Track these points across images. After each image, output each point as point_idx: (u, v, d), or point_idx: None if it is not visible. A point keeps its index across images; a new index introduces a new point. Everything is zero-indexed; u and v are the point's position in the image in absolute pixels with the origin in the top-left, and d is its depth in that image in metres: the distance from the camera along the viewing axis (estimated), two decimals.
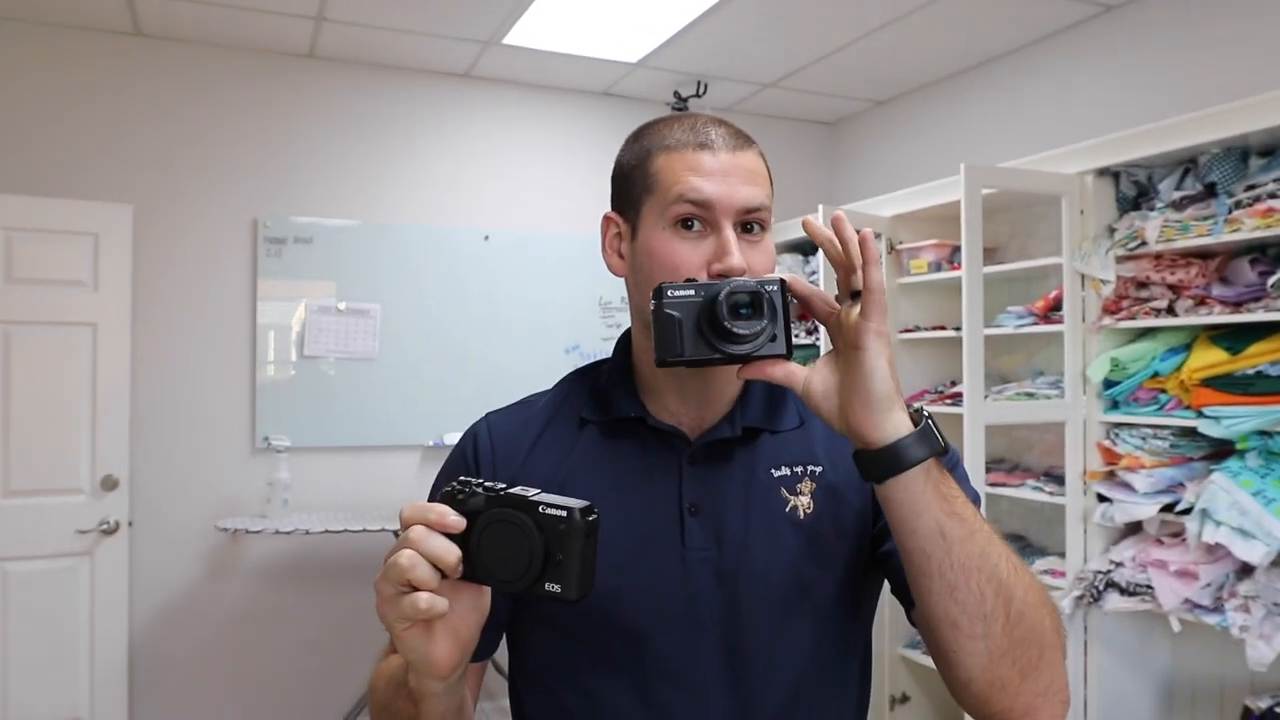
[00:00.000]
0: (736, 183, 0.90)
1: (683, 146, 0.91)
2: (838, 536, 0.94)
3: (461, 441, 1.04)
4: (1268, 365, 2.31)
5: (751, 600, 0.91)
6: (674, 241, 0.90)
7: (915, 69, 3.81)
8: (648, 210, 0.93)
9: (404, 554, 0.70)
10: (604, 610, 0.89)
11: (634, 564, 0.90)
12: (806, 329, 4.06)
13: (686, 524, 0.92)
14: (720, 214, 0.89)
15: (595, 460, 0.96)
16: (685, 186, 0.89)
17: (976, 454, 2.69)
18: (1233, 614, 2.28)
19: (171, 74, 3.51)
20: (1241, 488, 2.26)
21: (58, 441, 3.21)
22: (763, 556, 0.91)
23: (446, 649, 0.74)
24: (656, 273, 0.90)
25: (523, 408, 1.05)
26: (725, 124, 0.95)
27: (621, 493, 0.93)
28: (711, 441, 0.94)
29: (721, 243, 0.89)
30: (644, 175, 0.93)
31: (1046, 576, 2.88)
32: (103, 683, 3.24)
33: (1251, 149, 2.46)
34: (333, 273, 3.70)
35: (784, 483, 0.94)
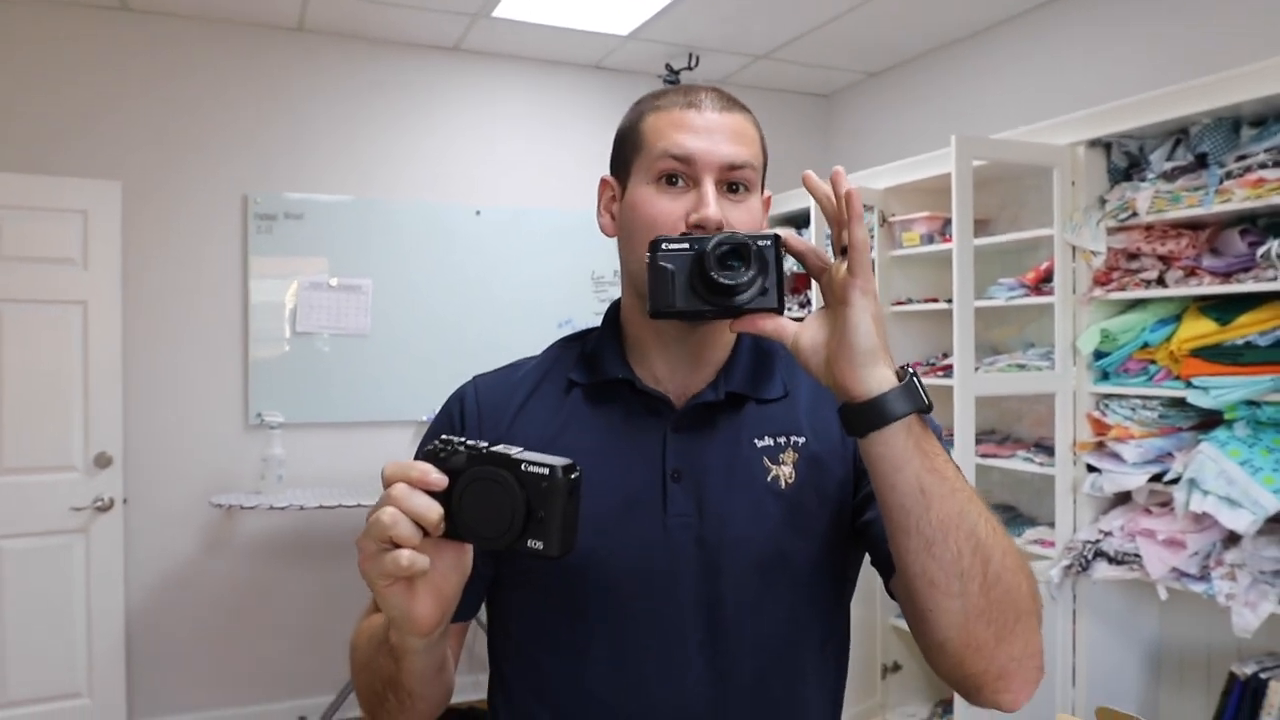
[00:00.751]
0: (720, 139, 0.91)
1: (670, 106, 0.94)
2: (819, 506, 0.95)
3: (448, 403, 1.04)
4: (1256, 335, 2.33)
5: (731, 568, 0.92)
6: (656, 196, 0.92)
7: (908, 40, 3.79)
8: (636, 168, 0.95)
9: (386, 511, 0.70)
10: (584, 572, 0.90)
11: (616, 528, 0.91)
12: (799, 302, 4.07)
13: (669, 490, 0.93)
14: (702, 169, 0.91)
15: (581, 423, 0.97)
16: (669, 142, 0.91)
17: (967, 425, 2.70)
18: (1219, 582, 2.30)
19: (159, 49, 3.48)
20: (1229, 457, 2.28)
21: (51, 419, 3.21)
22: (743, 525, 0.92)
23: (428, 606, 0.74)
24: (638, 227, 0.92)
25: (510, 371, 1.05)
26: (719, 90, 0.96)
27: (606, 456, 0.93)
28: (695, 406, 0.95)
29: (700, 196, 0.90)
30: (634, 135, 0.96)
31: (1035, 546, 2.91)
32: (100, 659, 3.27)
33: (1243, 119, 2.45)
34: (324, 249, 3.69)
35: (766, 453, 0.95)
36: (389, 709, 0.88)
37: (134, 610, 3.42)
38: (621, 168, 0.98)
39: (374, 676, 0.87)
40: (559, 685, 0.94)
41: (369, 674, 0.88)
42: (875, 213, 3.57)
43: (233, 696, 3.57)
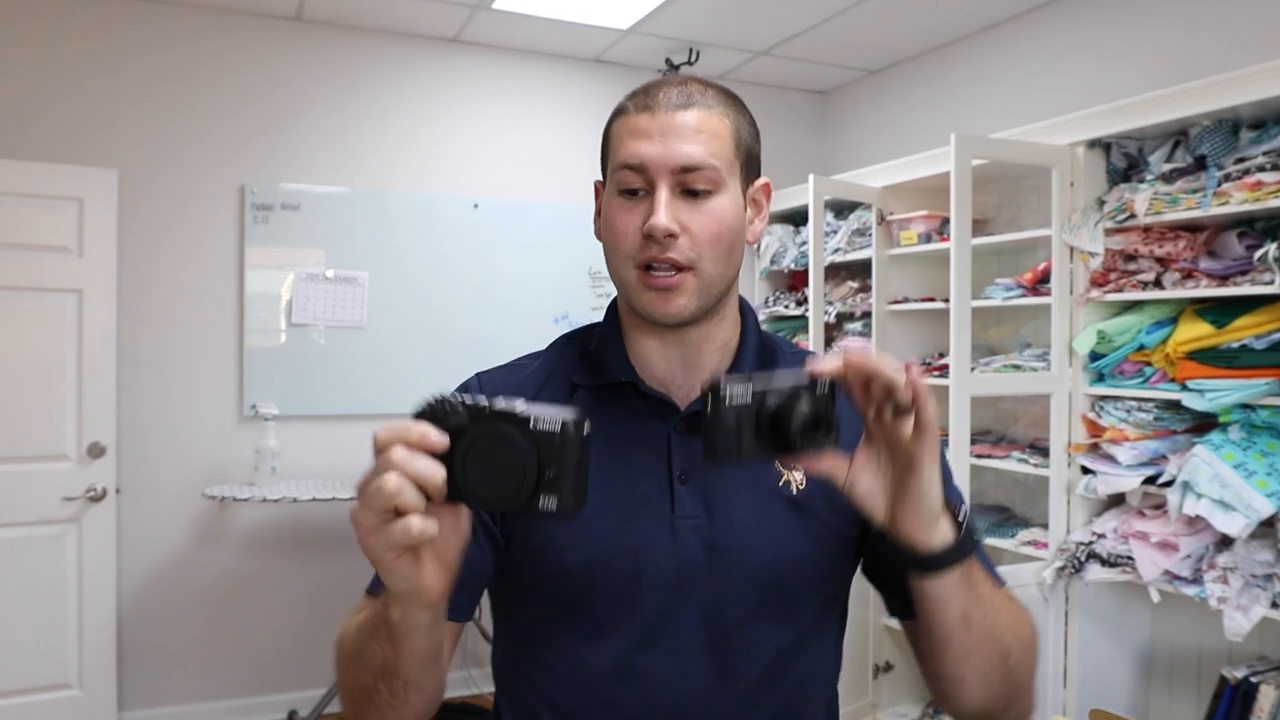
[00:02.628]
0: (673, 141, 0.88)
1: (627, 111, 0.92)
2: (829, 514, 0.95)
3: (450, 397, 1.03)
4: (1253, 339, 2.32)
5: (739, 571, 0.92)
6: (618, 207, 0.91)
7: (907, 38, 3.78)
8: (607, 176, 0.94)
9: (389, 478, 0.66)
10: (592, 574, 0.90)
11: (624, 529, 0.91)
12: (797, 300, 4.06)
13: (676, 492, 0.92)
14: (655, 175, 0.89)
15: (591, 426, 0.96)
16: (625, 152, 0.90)
17: (962, 425, 2.70)
18: (1211, 585, 2.30)
19: (156, 37, 3.46)
20: (1223, 460, 2.28)
21: (44, 408, 3.20)
22: (752, 528, 0.92)
23: (435, 574, 0.71)
24: (607, 238, 0.93)
25: (512, 371, 1.03)
26: (688, 82, 0.93)
27: (613, 458, 0.92)
28: (699, 411, 0.93)
29: (653, 203, 0.89)
30: (605, 142, 0.95)
31: (1029, 548, 2.91)
32: (91, 649, 3.26)
33: (1242, 121, 2.45)
34: (321, 240, 3.68)
35: None
36: (379, 704, 0.83)
37: (126, 601, 3.41)
38: (603, 173, 0.97)
39: (364, 669, 0.83)
40: (567, 687, 0.93)
41: (358, 667, 0.84)
42: (873, 211, 3.56)
43: (224, 688, 3.56)
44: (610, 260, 0.93)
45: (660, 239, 0.88)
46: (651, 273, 0.89)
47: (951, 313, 2.71)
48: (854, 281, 3.88)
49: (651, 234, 0.88)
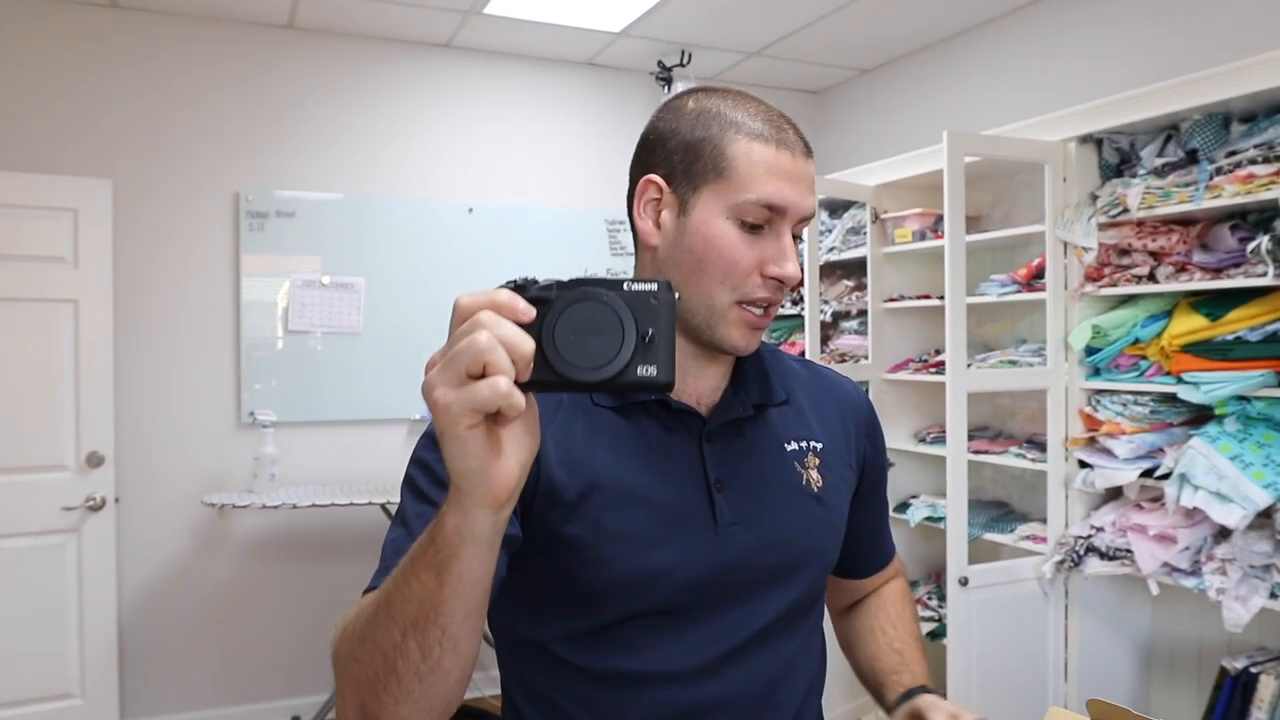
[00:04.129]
0: (805, 191, 0.92)
1: (764, 140, 0.91)
2: (842, 506, 1.03)
3: None
4: (1247, 331, 2.33)
5: (783, 571, 0.96)
6: (735, 237, 0.90)
7: (900, 37, 3.79)
8: (711, 193, 0.91)
9: (481, 334, 0.59)
10: (639, 587, 0.90)
11: (671, 540, 0.91)
12: (792, 299, 4.07)
13: (716, 500, 0.93)
14: (787, 219, 0.91)
15: (620, 441, 0.94)
16: (769, 190, 0.89)
17: (959, 422, 2.71)
18: (1210, 577, 2.31)
19: (149, 45, 3.46)
20: (1220, 452, 2.29)
21: (42, 418, 3.20)
22: (790, 528, 0.96)
23: (510, 463, 0.64)
24: (712, 263, 0.90)
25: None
26: (786, 119, 0.95)
27: (650, 473, 0.93)
28: (732, 421, 0.97)
29: (781, 248, 0.91)
30: (716, 155, 0.91)
31: (1027, 542, 2.92)
32: (93, 658, 3.26)
33: (1233, 115, 2.46)
34: (316, 246, 3.68)
35: (795, 457, 1.00)
36: (403, 673, 0.70)
37: (126, 610, 3.41)
38: (686, 179, 0.92)
39: (388, 629, 0.70)
40: (610, 690, 0.92)
41: (377, 635, 0.71)
42: (867, 209, 3.57)
43: (226, 696, 3.56)
44: (702, 284, 0.91)
45: (790, 288, 0.91)
46: (750, 310, 0.91)
47: (947, 310, 2.71)
48: (849, 280, 3.89)
49: (784, 281, 0.91)
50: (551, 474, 0.89)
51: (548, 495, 0.89)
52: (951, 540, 2.70)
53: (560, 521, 0.89)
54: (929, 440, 3.50)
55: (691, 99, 0.95)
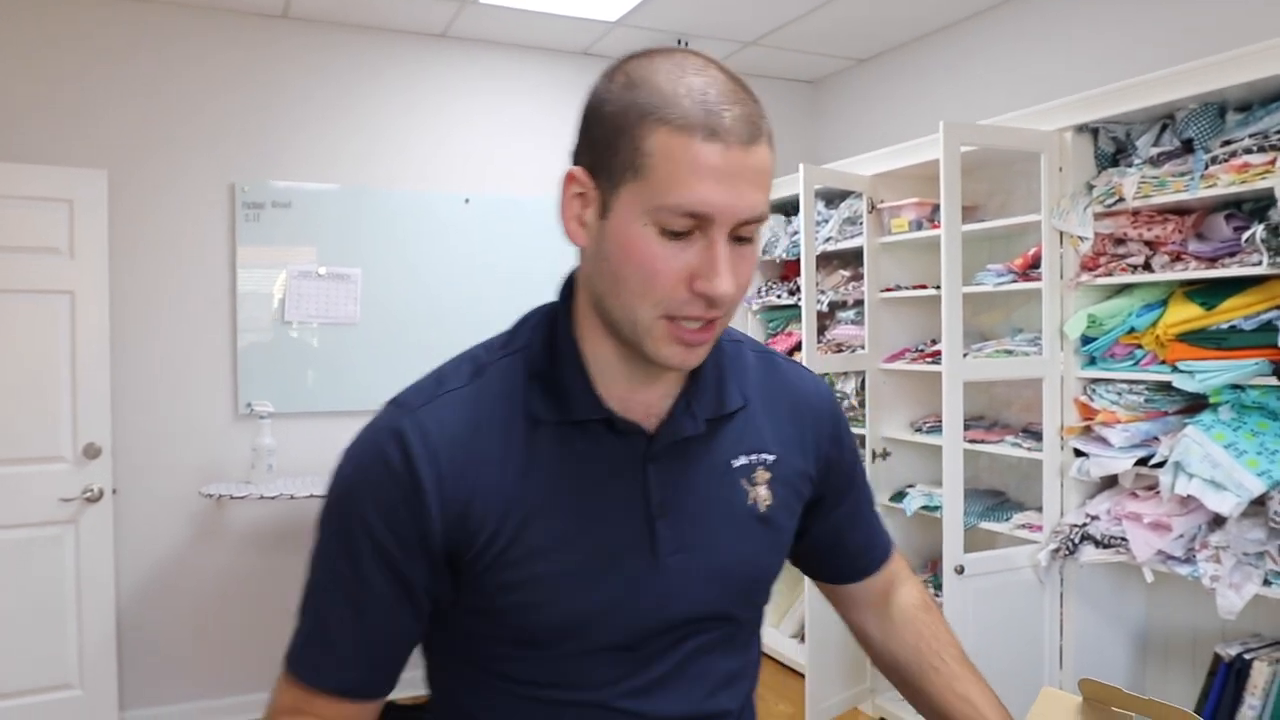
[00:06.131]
0: (744, 188, 0.76)
1: (689, 129, 0.74)
2: (789, 524, 0.96)
3: (378, 451, 0.83)
4: (1241, 320, 2.34)
5: (724, 599, 0.91)
6: (656, 245, 0.76)
7: (896, 26, 3.78)
8: (629, 194, 0.77)
9: None
10: (584, 628, 0.85)
11: (609, 577, 0.85)
12: (789, 289, 4.07)
13: (657, 531, 0.86)
14: (718, 225, 0.76)
15: (556, 469, 0.84)
16: (687, 197, 0.74)
17: (955, 411, 2.72)
18: (1204, 564, 2.33)
19: (144, 36, 3.45)
20: (1214, 440, 2.30)
21: (38, 410, 3.19)
22: (733, 555, 0.90)
23: None
24: (630, 274, 0.78)
25: (456, 406, 0.85)
26: (738, 93, 0.79)
27: (588, 502, 0.85)
28: (680, 441, 0.88)
29: (711, 259, 0.76)
30: (632, 149, 0.76)
31: (1023, 531, 2.93)
32: (90, 650, 3.26)
33: (1228, 104, 2.47)
34: (312, 237, 3.68)
35: (742, 474, 0.91)
36: None
37: (124, 601, 3.41)
38: (605, 174, 0.79)
39: None
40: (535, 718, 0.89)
41: None
42: (864, 199, 3.57)
43: (224, 686, 3.57)
44: (625, 299, 0.79)
45: (721, 305, 0.78)
46: (682, 324, 0.79)
47: (943, 299, 2.72)
48: (846, 270, 3.89)
49: (712, 299, 0.77)
50: (481, 525, 0.82)
51: (478, 547, 0.82)
52: (948, 529, 2.71)
53: (492, 568, 0.82)
54: (925, 430, 3.51)
55: (627, 67, 0.80)
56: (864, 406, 3.64)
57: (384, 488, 0.81)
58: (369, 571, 0.82)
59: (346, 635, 0.84)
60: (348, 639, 0.84)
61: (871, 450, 3.59)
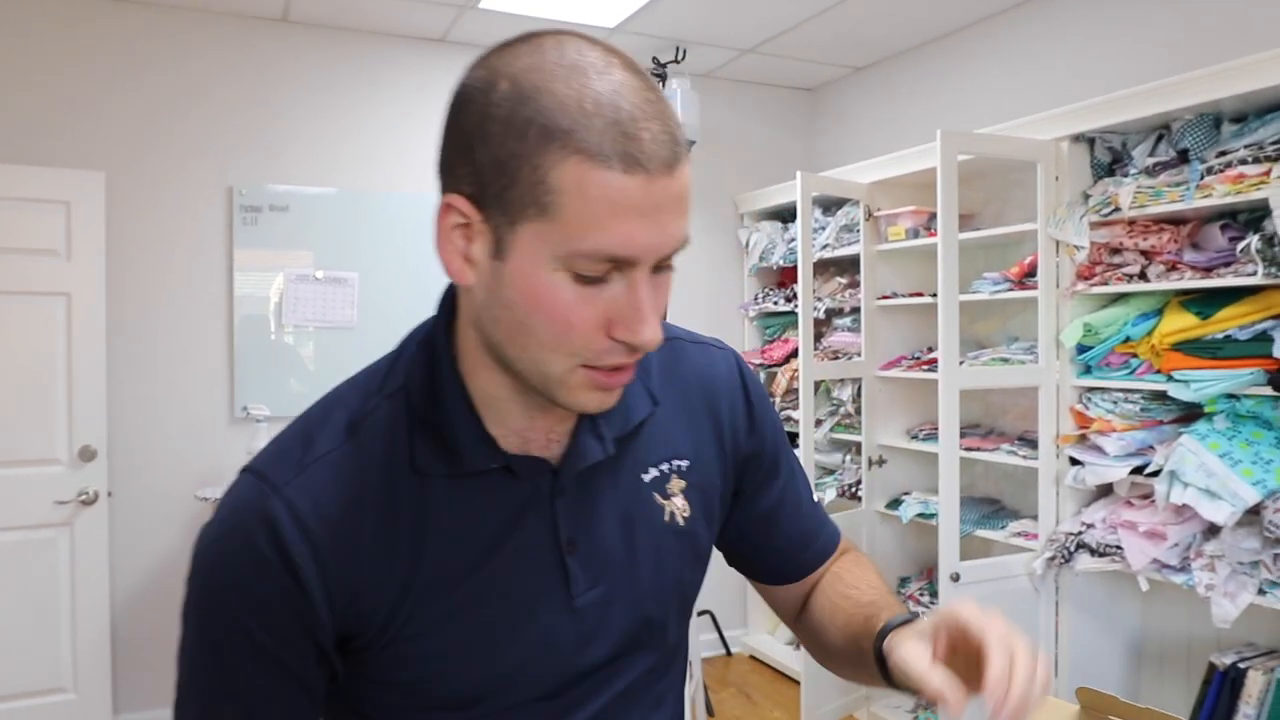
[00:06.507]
0: (668, 220, 0.66)
1: (605, 161, 0.62)
2: (709, 532, 0.90)
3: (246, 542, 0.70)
4: (1236, 329, 2.35)
5: (648, 627, 0.84)
6: (568, 293, 0.66)
7: (894, 35, 3.80)
8: (532, 235, 0.65)
9: None
10: (497, 690, 0.78)
11: (521, 631, 0.77)
12: (786, 296, 4.08)
13: (570, 569, 0.78)
14: (640, 265, 0.66)
15: (454, 527, 0.75)
16: (606, 241, 0.64)
17: (951, 419, 2.72)
18: (1199, 573, 2.33)
19: (142, 38, 3.45)
20: (1209, 450, 2.31)
21: (34, 412, 3.18)
22: (652, 578, 0.83)
23: None
24: (539, 326, 0.67)
25: (333, 470, 0.73)
26: (651, 100, 0.65)
27: (492, 554, 0.76)
28: (584, 469, 0.80)
29: (634, 303, 0.67)
30: (535, 182, 0.63)
31: (1019, 539, 2.94)
32: (85, 653, 3.25)
33: (1224, 115, 2.48)
34: (310, 241, 3.68)
35: (655, 486, 0.84)
36: None
37: (119, 604, 3.40)
38: (495, 205, 0.65)
39: None
40: None
41: None
42: (861, 207, 3.58)
43: None
44: (533, 351, 0.69)
45: (645, 351, 0.69)
46: (599, 372, 0.70)
47: (939, 307, 2.73)
48: (842, 277, 3.90)
49: (639, 348, 0.68)
50: (375, 606, 0.73)
51: (374, 629, 0.74)
52: (943, 536, 2.72)
53: (392, 645, 0.74)
54: (921, 437, 3.52)
55: (509, 69, 0.66)
56: (860, 414, 3.65)
57: (257, 584, 0.70)
58: (250, 671, 0.72)
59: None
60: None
61: (867, 458, 3.60)
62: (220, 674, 0.73)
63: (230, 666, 0.72)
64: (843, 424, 3.83)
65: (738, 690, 3.90)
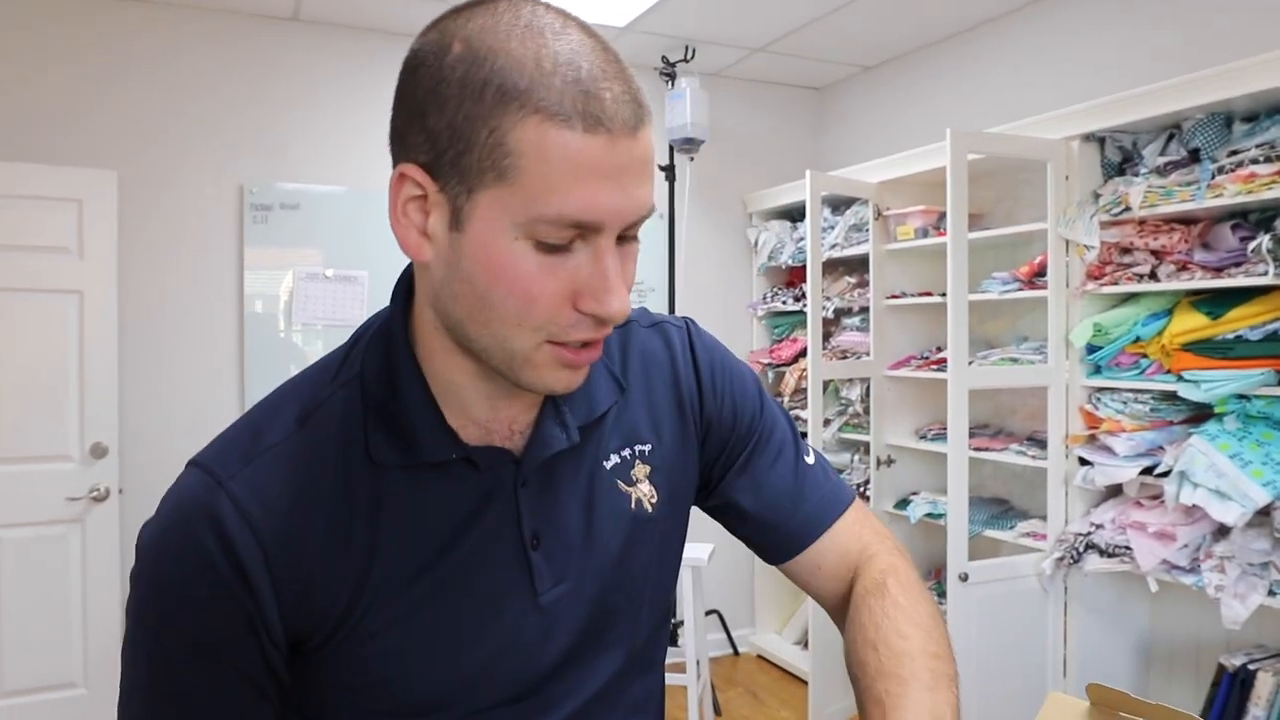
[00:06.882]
0: (632, 184, 0.63)
1: (566, 119, 0.60)
2: (679, 519, 0.86)
3: (190, 541, 0.67)
4: (1247, 330, 2.35)
5: (619, 622, 0.81)
6: (531, 262, 0.63)
7: (903, 34, 3.79)
8: (491, 202, 0.62)
9: None
10: (460, 693, 0.74)
11: (484, 631, 0.74)
12: (795, 295, 4.08)
13: (534, 564, 0.75)
14: (606, 232, 0.64)
15: (412, 520, 0.72)
16: (570, 204, 0.61)
17: (960, 419, 2.72)
18: (1209, 574, 2.33)
19: (154, 37, 3.47)
20: (1219, 450, 2.30)
21: (46, 409, 3.21)
22: (619, 570, 0.80)
23: None
24: (501, 300, 0.64)
25: (282, 461, 0.70)
26: (611, 62, 0.64)
27: (451, 548, 0.72)
28: (548, 458, 0.76)
29: (600, 273, 0.64)
30: (493, 145, 0.61)
31: (1027, 539, 2.93)
32: (97, 648, 3.27)
33: (1235, 114, 2.47)
34: (320, 240, 3.69)
35: (618, 473, 0.80)
36: None
37: None
38: (451, 173, 0.63)
39: None
40: None
41: None
42: (870, 206, 3.58)
43: None
44: (496, 327, 0.66)
45: (613, 323, 0.67)
46: (566, 349, 0.67)
47: (949, 307, 2.73)
48: (851, 277, 3.90)
49: (607, 320, 0.66)
50: (330, 605, 0.70)
51: (328, 628, 0.70)
52: (952, 536, 2.71)
53: (347, 644, 0.71)
54: (930, 437, 3.51)
55: (461, 30, 0.64)
56: (869, 413, 3.65)
57: (201, 582, 0.66)
58: (194, 671, 0.69)
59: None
60: None
61: (876, 457, 3.59)
62: (164, 673, 0.69)
63: (174, 666, 0.69)
64: (851, 424, 3.83)
65: (745, 690, 3.90)
